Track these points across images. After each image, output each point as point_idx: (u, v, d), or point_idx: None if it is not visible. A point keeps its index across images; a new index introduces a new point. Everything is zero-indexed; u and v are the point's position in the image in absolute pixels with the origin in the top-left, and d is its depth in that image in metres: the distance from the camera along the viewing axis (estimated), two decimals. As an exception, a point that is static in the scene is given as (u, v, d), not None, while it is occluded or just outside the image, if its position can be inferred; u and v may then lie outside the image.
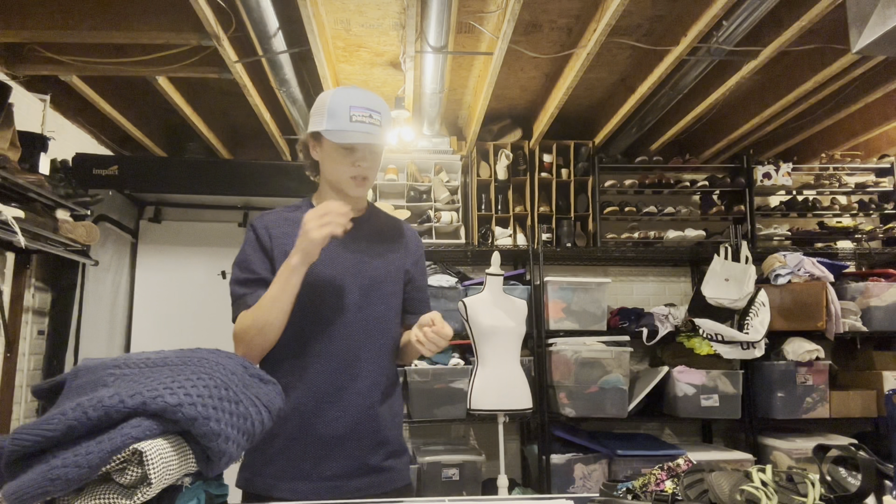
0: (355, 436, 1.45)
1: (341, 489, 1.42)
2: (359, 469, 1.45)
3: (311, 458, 1.43)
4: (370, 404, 1.48)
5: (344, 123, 1.43)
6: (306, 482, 1.42)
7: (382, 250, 1.57)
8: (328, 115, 1.45)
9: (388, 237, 1.60)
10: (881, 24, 1.63)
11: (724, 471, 1.03)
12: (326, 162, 1.52)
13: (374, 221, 1.61)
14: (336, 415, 1.44)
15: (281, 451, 1.43)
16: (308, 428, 1.44)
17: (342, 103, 1.44)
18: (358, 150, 1.47)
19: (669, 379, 3.56)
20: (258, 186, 3.42)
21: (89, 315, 3.23)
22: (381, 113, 1.47)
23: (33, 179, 2.50)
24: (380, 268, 1.54)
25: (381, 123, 1.46)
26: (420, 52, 2.76)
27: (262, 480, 1.43)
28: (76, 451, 0.84)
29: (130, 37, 2.61)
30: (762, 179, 3.97)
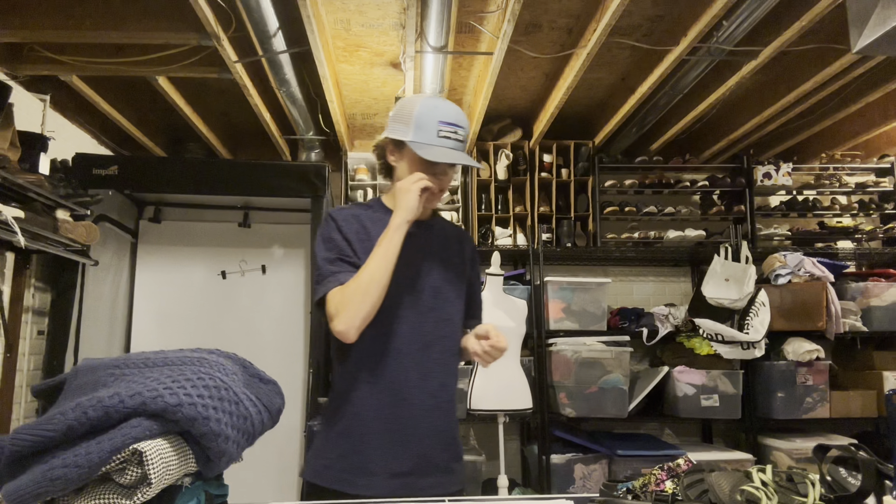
0: (425, 435, 1.48)
1: (411, 487, 1.44)
2: (427, 468, 1.48)
3: (386, 454, 1.45)
4: (439, 404, 1.51)
5: (431, 138, 1.45)
6: (377, 478, 1.44)
7: (449, 254, 1.61)
8: (415, 126, 1.46)
9: (452, 241, 1.64)
10: (881, 24, 1.63)
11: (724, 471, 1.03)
12: (404, 170, 1.52)
13: (439, 226, 1.65)
14: (408, 413, 1.47)
15: (354, 446, 1.46)
16: (382, 425, 1.46)
17: (430, 116, 1.46)
18: (440, 165, 1.49)
19: (669, 379, 3.56)
20: (258, 186, 3.42)
21: (89, 315, 3.23)
22: (465, 128, 1.50)
23: (33, 179, 2.50)
24: (448, 270, 1.57)
25: (464, 139, 1.50)
26: (420, 52, 2.76)
27: (332, 474, 1.45)
28: (76, 451, 0.84)
29: (130, 37, 2.61)
30: (762, 179, 3.97)
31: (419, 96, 1.54)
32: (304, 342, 3.79)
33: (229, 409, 0.97)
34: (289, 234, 3.92)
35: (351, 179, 3.96)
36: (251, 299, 3.86)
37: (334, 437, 1.50)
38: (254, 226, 3.91)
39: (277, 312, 3.87)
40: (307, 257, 3.87)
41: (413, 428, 1.47)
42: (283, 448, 3.67)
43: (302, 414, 3.47)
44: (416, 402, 1.48)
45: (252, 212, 3.89)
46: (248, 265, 3.89)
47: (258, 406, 1.06)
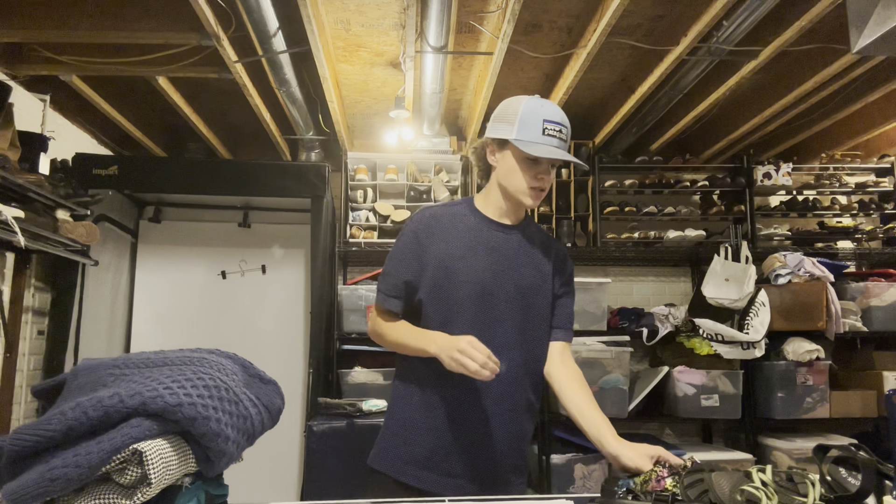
0: (491, 440, 1.46)
1: (464, 489, 1.43)
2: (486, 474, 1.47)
3: (445, 451, 1.45)
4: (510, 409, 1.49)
5: (536, 136, 1.44)
6: (434, 473, 1.45)
7: (536, 261, 1.58)
8: (519, 125, 1.45)
9: (540, 249, 1.60)
10: (881, 24, 1.63)
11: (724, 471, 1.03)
12: (506, 170, 1.51)
13: (529, 232, 1.61)
14: (476, 419, 1.46)
15: (418, 438, 1.47)
16: (451, 422, 1.46)
17: (535, 115, 1.45)
18: (543, 163, 1.48)
19: (669, 379, 3.56)
20: (258, 186, 3.42)
21: (89, 315, 3.23)
22: (568, 129, 1.49)
23: (33, 179, 2.50)
24: (532, 277, 1.55)
25: (567, 139, 1.48)
26: (420, 52, 2.76)
27: (393, 462, 1.48)
28: (76, 451, 0.84)
29: (130, 37, 2.61)
30: (762, 179, 3.97)
31: (522, 97, 1.51)
32: (304, 342, 3.79)
33: (229, 409, 0.97)
34: (289, 234, 3.92)
35: (351, 179, 3.96)
36: (251, 299, 3.86)
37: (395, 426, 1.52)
38: (254, 226, 3.91)
39: (277, 312, 3.87)
40: (307, 257, 3.87)
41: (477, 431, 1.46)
42: (283, 448, 3.67)
43: (302, 414, 3.47)
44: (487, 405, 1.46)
45: (252, 212, 3.89)
46: (248, 265, 3.89)
47: (258, 406, 1.06)
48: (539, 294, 1.55)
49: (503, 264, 1.52)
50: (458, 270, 1.48)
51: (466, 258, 1.50)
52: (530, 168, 1.47)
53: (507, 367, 1.40)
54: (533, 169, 1.47)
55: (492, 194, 1.58)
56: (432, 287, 1.50)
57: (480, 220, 1.56)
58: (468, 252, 1.51)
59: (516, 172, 1.48)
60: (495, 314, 1.49)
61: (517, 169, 1.48)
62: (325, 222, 3.49)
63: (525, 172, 1.47)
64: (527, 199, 1.50)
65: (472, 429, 1.46)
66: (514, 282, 1.52)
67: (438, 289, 1.49)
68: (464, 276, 1.48)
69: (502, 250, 1.53)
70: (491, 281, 1.49)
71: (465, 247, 1.52)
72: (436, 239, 1.52)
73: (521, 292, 1.52)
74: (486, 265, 1.51)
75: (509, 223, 1.57)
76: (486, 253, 1.51)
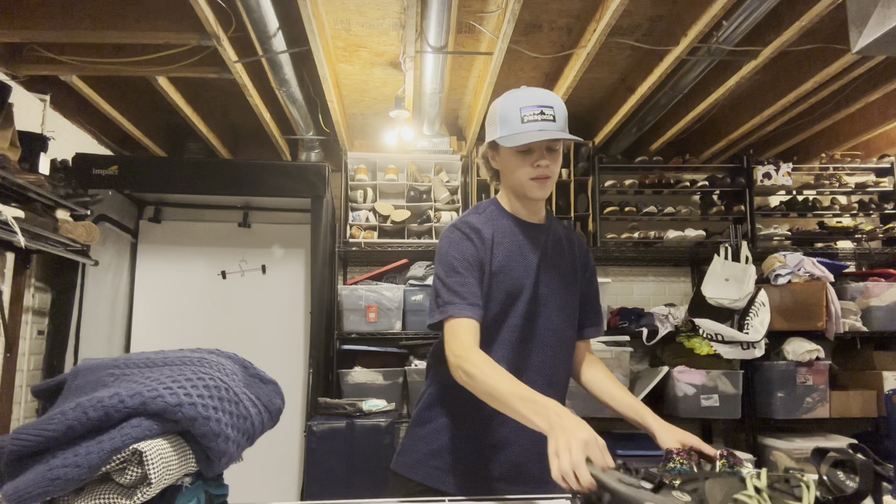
0: (526, 441, 1.44)
1: (503, 492, 1.42)
2: (524, 475, 1.45)
3: (483, 456, 1.44)
4: None
5: (517, 126, 1.40)
6: (473, 479, 1.43)
7: (567, 257, 1.56)
8: (500, 123, 1.44)
9: (567, 245, 1.59)
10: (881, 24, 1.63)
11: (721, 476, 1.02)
12: (506, 170, 1.49)
13: (554, 228, 1.59)
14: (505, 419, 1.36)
15: (453, 444, 1.44)
16: (483, 425, 1.44)
17: (511, 107, 1.42)
18: (535, 150, 1.43)
19: (669, 379, 3.56)
20: (258, 186, 3.42)
21: (89, 315, 3.23)
22: (554, 107, 1.42)
23: (33, 179, 2.50)
24: (559, 278, 1.53)
25: (554, 117, 1.41)
26: (420, 52, 2.76)
27: (428, 471, 1.45)
28: (76, 451, 0.84)
29: (130, 37, 2.61)
30: (762, 179, 3.97)
31: (503, 95, 1.48)
32: (304, 342, 3.79)
33: (229, 409, 0.97)
34: (289, 234, 3.92)
35: (351, 179, 3.96)
36: (251, 299, 3.86)
37: (427, 433, 1.48)
38: (254, 226, 3.91)
39: (277, 312, 3.87)
40: (307, 257, 3.87)
41: (508, 434, 1.44)
42: (283, 448, 3.67)
43: (302, 414, 3.47)
44: None
45: (252, 212, 3.89)
46: (248, 265, 3.89)
47: (258, 406, 1.06)
48: (569, 292, 1.55)
49: (546, 264, 1.51)
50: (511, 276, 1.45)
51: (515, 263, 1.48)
52: (524, 160, 1.44)
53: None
54: (527, 159, 1.44)
55: (510, 197, 1.55)
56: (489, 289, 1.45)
57: (516, 223, 1.53)
58: (516, 257, 1.48)
59: (514, 169, 1.46)
60: (538, 318, 1.48)
61: (513, 165, 1.46)
62: (325, 222, 3.49)
63: (521, 166, 1.44)
64: (533, 191, 1.46)
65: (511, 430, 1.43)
66: (556, 284, 1.51)
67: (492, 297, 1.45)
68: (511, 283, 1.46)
69: (543, 251, 1.52)
70: (534, 286, 1.48)
71: (512, 252, 1.48)
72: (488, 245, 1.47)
73: (562, 294, 1.51)
74: (534, 268, 1.49)
75: (538, 222, 1.55)
76: (531, 256, 1.49)
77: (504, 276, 1.45)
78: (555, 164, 1.46)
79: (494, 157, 1.52)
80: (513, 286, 1.45)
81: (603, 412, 3.72)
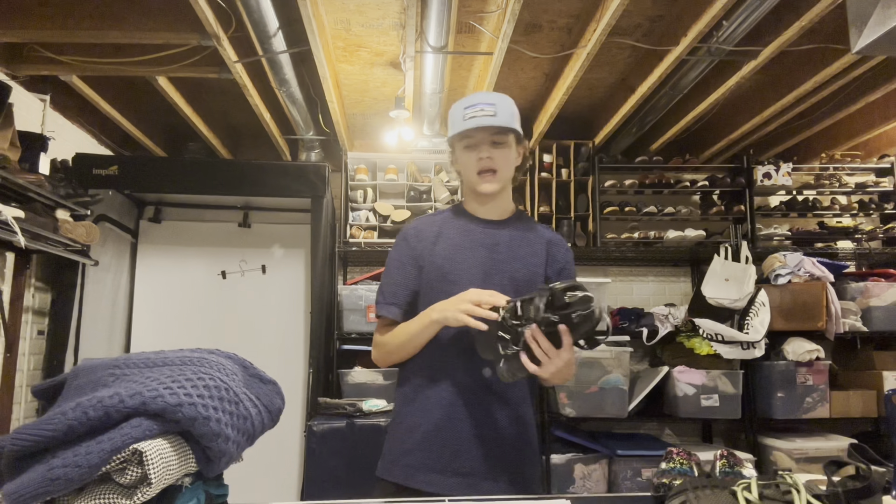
0: (494, 436, 1.47)
1: (475, 487, 1.44)
2: (494, 469, 1.47)
3: (451, 452, 1.46)
4: (509, 405, 1.50)
5: (461, 124, 1.51)
6: (443, 475, 1.45)
7: (523, 255, 1.58)
8: (450, 124, 1.56)
9: (530, 242, 1.61)
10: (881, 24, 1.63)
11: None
12: (460, 167, 1.60)
13: (517, 225, 1.63)
14: (477, 413, 1.47)
15: (421, 442, 1.47)
16: (448, 421, 1.47)
17: (458, 108, 1.54)
18: (479, 144, 1.52)
19: (669, 379, 3.56)
20: (258, 186, 3.42)
21: (89, 315, 3.23)
22: (496, 104, 1.51)
23: (33, 179, 2.50)
24: (517, 271, 1.55)
25: (495, 113, 1.49)
26: (420, 52, 2.76)
27: (401, 469, 1.48)
28: (76, 451, 0.84)
29: (130, 37, 2.61)
30: (762, 179, 3.97)
31: None
32: (304, 342, 3.79)
33: (229, 410, 0.97)
34: (289, 234, 3.92)
35: (351, 179, 3.96)
36: (251, 299, 3.85)
37: (403, 432, 1.52)
38: (254, 226, 3.91)
39: (277, 312, 3.87)
40: (307, 257, 3.87)
41: (480, 427, 1.46)
42: (283, 448, 3.67)
43: (302, 414, 3.47)
44: (483, 402, 1.47)
45: (252, 212, 3.89)
46: (248, 265, 3.89)
47: (258, 406, 1.06)
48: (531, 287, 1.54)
49: (495, 260, 1.54)
50: (452, 270, 1.51)
51: (459, 258, 1.53)
52: (471, 154, 1.53)
53: None
54: (473, 154, 1.53)
55: (469, 196, 1.65)
56: (429, 290, 1.53)
57: (470, 220, 1.61)
58: (460, 252, 1.54)
59: (464, 164, 1.56)
60: None
61: (463, 161, 1.56)
62: (325, 222, 3.49)
63: (468, 160, 1.54)
64: (479, 185, 1.55)
65: (475, 425, 1.46)
66: (509, 276, 1.53)
67: (435, 291, 1.51)
68: (457, 275, 1.51)
69: (494, 247, 1.55)
70: (484, 278, 1.51)
71: (457, 247, 1.55)
72: (428, 243, 1.56)
73: (517, 286, 1.52)
74: (479, 262, 1.53)
75: (497, 219, 1.61)
76: (478, 251, 1.54)
77: (448, 268, 1.52)
78: (501, 157, 1.53)
79: (454, 160, 1.62)
80: (457, 278, 1.50)
81: (603, 412, 3.73)
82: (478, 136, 1.51)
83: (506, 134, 1.52)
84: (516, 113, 1.57)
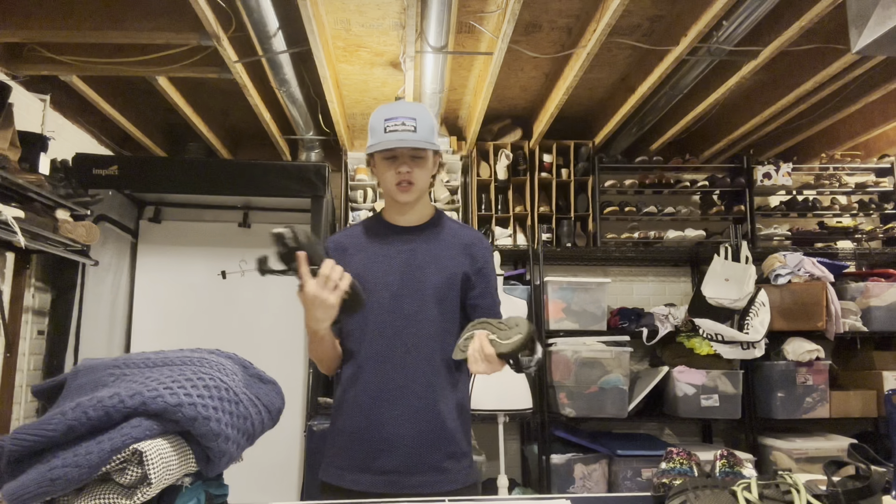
0: (413, 434, 1.51)
1: (398, 484, 1.48)
2: (416, 466, 1.50)
3: (371, 452, 1.51)
4: (426, 405, 1.53)
5: (380, 136, 1.53)
6: (366, 474, 1.50)
7: (440, 257, 1.60)
8: (370, 135, 1.58)
9: (447, 245, 1.63)
10: (881, 24, 1.63)
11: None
12: (378, 176, 1.62)
13: (434, 230, 1.65)
14: (393, 413, 1.51)
15: (346, 444, 1.54)
16: (367, 424, 1.52)
17: (378, 119, 1.55)
18: (399, 157, 1.55)
19: (669, 379, 3.56)
20: (258, 186, 3.42)
21: (89, 315, 3.22)
22: (417, 119, 1.53)
23: (33, 179, 2.50)
24: (434, 274, 1.58)
25: (415, 128, 1.53)
26: (420, 52, 2.76)
27: (333, 471, 1.55)
28: (76, 451, 0.84)
29: (130, 37, 2.61)
30: (762, 179, 3.97)
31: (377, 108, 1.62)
32: (304, 342, 3.79)
33: (229, 410, 0.97)
34: (289, 234, 3.91)
35: (351, 179, 3.96)
36: (251, 299, 3.85)
37: (333, 435, 1.59)
38: (254, 226, 3.91)
39: (277, 312, 3.86)
40: (307, 257, 3.86)
41: (398, 428, 1.50)
42: (283, 448, 3.66)
43: (302, 414, 3.47)
44: (400, 402, 1.51)
45: (252, 212, 3.89)
46: (248, 265, 3.88)
47: (258, 406, 1.06)
48: (451, 288, 1.58)
49: (412, 266, 1.57)
50: (369, 279, 1.53)
51: (375, 267, 1.57)
52: (389, 166, 1.56)
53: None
54: (392, 166, 1.55)
55: (387, 202, 1.68)
56: None
57: (386, 228, 1.65)
58: (377, 261, 1.58)
59: (382, 175, 1.59)
60: (408, 314, 1.54)
61: (381, 171, 1.58)
62: (325, 222, 3.49)
63: (386, 172, 1.56)
64: (397, 195, 1.58)
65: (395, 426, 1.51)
66: (425, 279, 1.56)
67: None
68: (374, 283, 1.54)
69: (411, 252, 1.59)
70: (399, 283, 1.55)
71: (374, 255, 1.60)
72: (346, 255, 1.59)
73: (434, 289, 1.56)
74: (396, 269, 1.57)
75: (415, 224, 1.64)
76: (395, 258, 1.58)
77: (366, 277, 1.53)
78: (419, 170, 1.57)
79: (373, 168, 1.64)
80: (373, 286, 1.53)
81: (603, 412, 3.73)
82: (398, 150, 1.54)
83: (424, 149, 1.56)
84: (435, 126, 1.60)
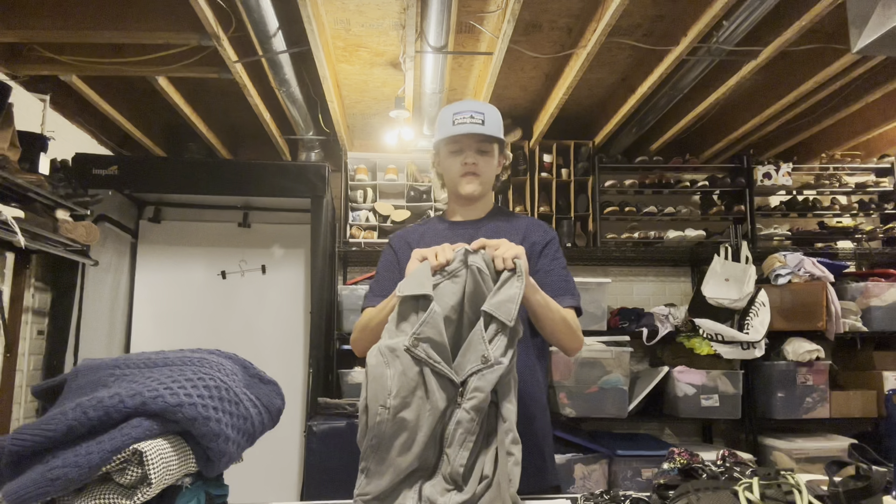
0: None
1: None
2: None
3: None
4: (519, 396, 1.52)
5: (448, 129, 1.60)
6: None
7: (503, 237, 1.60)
8: (438, 128, 1.64)
9: (508, 232, 1.63)
10: (881, 24, 1.63)
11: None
12: (443, 169, 1.67)
13: (493, 221, 1.68)
14: None
15: None
16: None
17: (447, 113, 1.62)
18: (464, 149, 1.61)
19: (669, 379, 3.56)
20: (258, 186, 3.42)
21: (89, 315, 3.22)
22: (485, 113, 1.59)
23: (33, 179, 2.50)
24: None
25: (483, 121, 1.58)
26: (420, 52, 2.76)
27: None
28: (76, 451, 0.84)
29: (130, 37, 2.61)
30: (762, 179, 3.97)
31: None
32: (304, 342, 3.79)
33: (229, 410, 0.97)
34: (289, 234, 3.92)
35: (351, 179, 3.96)
36: (251, 299, 3.85)
37: None
38: (254, 226, 3.91)
39: (277, 312, 3.86)
40: (307, 257, 3.87)
41: None
42: (283, 448, 3.67)
43: (302, 414, 3.47)
44: None
45: (252, 212, 3.89)
46: (248, 265, 3.89)
47: (258, 406, 1.06)
48: None
49: None
50: None
51: None
52: (456, 158, 1.62)
53: None
54: (458, 158, 1.61)
55: (450, 201, 1.73)
56: None
57: (448, 225, 1.69)
58: None
59: (448, 167, 1.65)
60: None
61: (447, 164, 1.64)
62: (325, 222, 3.49)
63: (452, 163, 1.63)
64: (462, 186, 1.62)
65: None
66: None
67: None
68: None
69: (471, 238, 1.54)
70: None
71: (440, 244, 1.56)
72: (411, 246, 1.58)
73: None
74: None
75: (474, 219, 1.68)
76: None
77: None
78: (485, 164, 1.62)
79: (438, 163, 1.70)
80: None
81: (603, 412, 3.73)
82: (465, 142, 1.60)
83: (491, 143, 1.61)
84: (501, 124, 1.65)
